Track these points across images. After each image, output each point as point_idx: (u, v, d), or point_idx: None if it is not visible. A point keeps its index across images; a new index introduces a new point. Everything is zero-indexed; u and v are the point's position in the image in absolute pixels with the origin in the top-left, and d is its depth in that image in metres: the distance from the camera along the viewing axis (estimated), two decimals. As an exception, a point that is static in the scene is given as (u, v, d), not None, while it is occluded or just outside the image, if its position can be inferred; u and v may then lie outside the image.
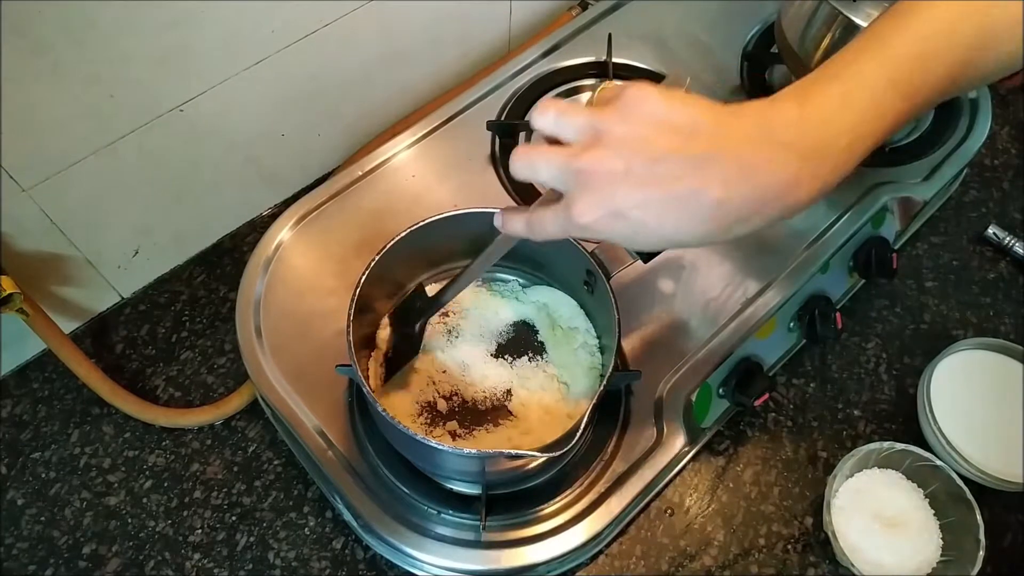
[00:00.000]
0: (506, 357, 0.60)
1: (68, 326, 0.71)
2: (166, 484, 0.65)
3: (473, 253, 0.62)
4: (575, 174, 0.40)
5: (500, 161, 0.72)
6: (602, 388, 0.51)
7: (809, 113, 0.40)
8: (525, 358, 0.60)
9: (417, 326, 0.57)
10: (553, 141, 0.43)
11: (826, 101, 0.40)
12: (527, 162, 0.43)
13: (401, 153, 0.73)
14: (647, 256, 0.55)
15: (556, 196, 0.43)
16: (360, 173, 0.71)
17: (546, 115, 0.42)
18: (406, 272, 0.63)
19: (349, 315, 0.52)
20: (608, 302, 0.54)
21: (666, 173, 0.39)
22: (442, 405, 0.58)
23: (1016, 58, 0.42)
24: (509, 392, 0.59)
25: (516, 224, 0.46)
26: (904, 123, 0.42)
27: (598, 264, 0.55)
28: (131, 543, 0.62)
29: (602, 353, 0.59)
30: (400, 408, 0.57)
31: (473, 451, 0.49)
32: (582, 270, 0.57)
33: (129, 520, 0.63)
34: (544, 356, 0.60)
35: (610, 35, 0.78)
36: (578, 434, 0.48)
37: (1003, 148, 0.86)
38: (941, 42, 0.41)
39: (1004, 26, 0.41)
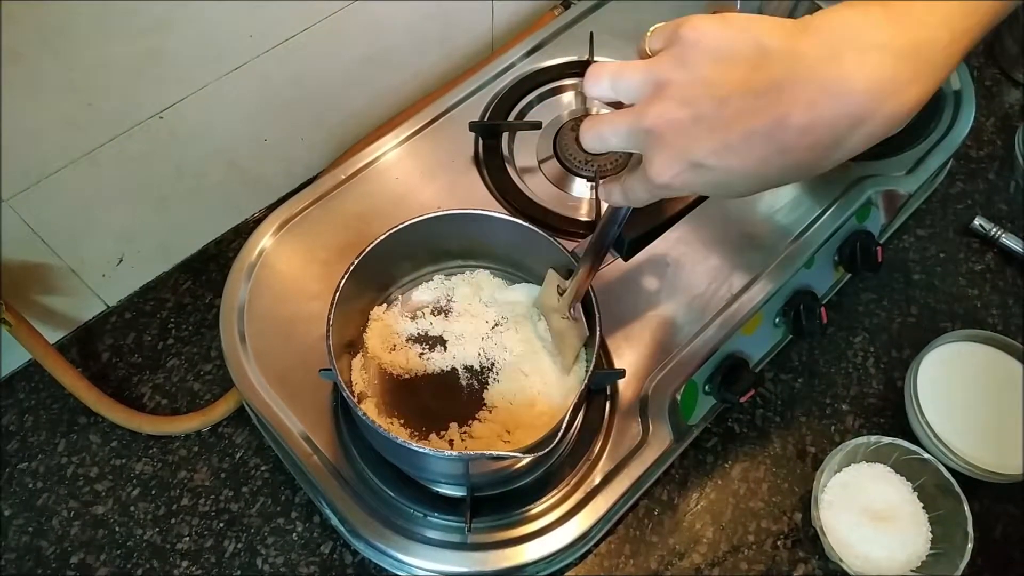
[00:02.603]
0: (488, 357, 0.60)
1: (54, 336, 0.71)
2: (153, 492, 0.65)
3: (461, 254, 0.63)
4: (644, 134, 0.38)
5: (483, 162, 0.72)
6: (583, 387, 0.51)
7: (898, 11, 0.35)
8: (507, 357, 0.60)
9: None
10: (616, 104, 0.41)
11: None
12: (595, 133, 0.41)
13: (385, 156, 0.73)
14: (628, 254, 0.55)
15: (640, 159, 0.41)
16: (343, 176, 0.71)
17: (601, 81, 0.40)
18: (390, 274, 0.62)
19: (329, 319, 0.52)
20: (589, 300, 0.54)
21: (739, 110, 0.36)
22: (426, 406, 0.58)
23: None
24: (491, 392, 0.58)
25: (615, 194, 0.45)
26: (998, 18, 0.38)
27: (578, 262, 0.55)
28: (119, 552, 0.62)
29: (585, 351, 0.59)
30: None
31: (455, 453, 0.49)
32: (563, 268, 0.57)
33: (117, 529, 0.63)
34: (526, 355, 0.60)
35: (592, 34, 0.78)
36: (559, 433, 0.48)
37: (988, 139, 0.86)
38: None
39: None
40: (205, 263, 0.77)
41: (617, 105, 0.41)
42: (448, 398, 0.59)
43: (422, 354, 0.60)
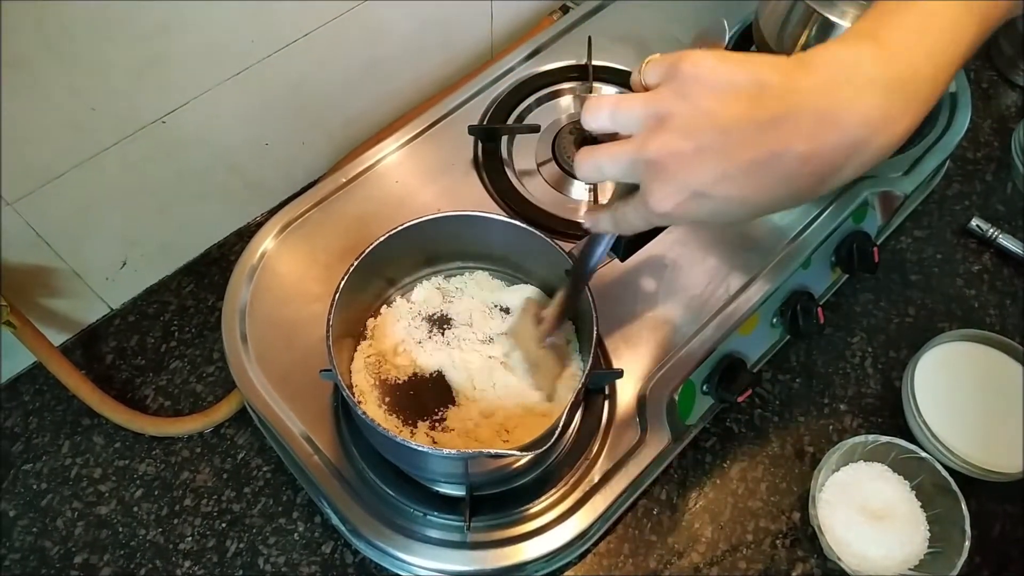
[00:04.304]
0: (488, 357, 0.60)
1: (58, 338, 0.71)
2: (156, 493, 0.65)
3: (460, 256, 0.64)
4: (645, 165, 0.39)
5: (482, 165, 0.73)
6: (580, 386, 0.51)
7: (887, 45, 0.38)
8: (506, 358, 0.60)
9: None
10: (613, 136, 0.41)
11: (903, 32, 0.38)
12: (592, 164, 0.42)
13: (385, 159, 0.74)
14: (625, 254, 0.56)
15: (631, 187, 0.42)
16: (344, 180, 0.72)
17: (600, 113, 0.41)
18: (390, 275, 0.63)
19: (329, 320, 0.53)
20: (586, 301, 0.54)
21: (740, 141, 0.37)
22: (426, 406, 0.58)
23: None
24: (491, 392, 0.59)
25: (603, 222, 0.46)
26: (978, 46, 0.40)
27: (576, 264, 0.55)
28: (122, 552, 0.63)
29: (582, 352, 0.60)
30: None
31: (454, 452, 0.50)
32: (561, 270, 0.58)
33: (120, 529, 0.64)
34: (526, 356, 0.60)
35: (590, 38, 0.79)
36: (556, 432, 0.49)
37: (985, 141, 0.86)
38: None
39: None
40: (207, 266, 0.77)
41: (611, 137, 0.42)
42: (448, 398, 0.59)
43: (422, 354, 0.61)
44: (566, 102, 0.78)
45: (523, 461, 0.56)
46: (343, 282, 0.55)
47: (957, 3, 0.39)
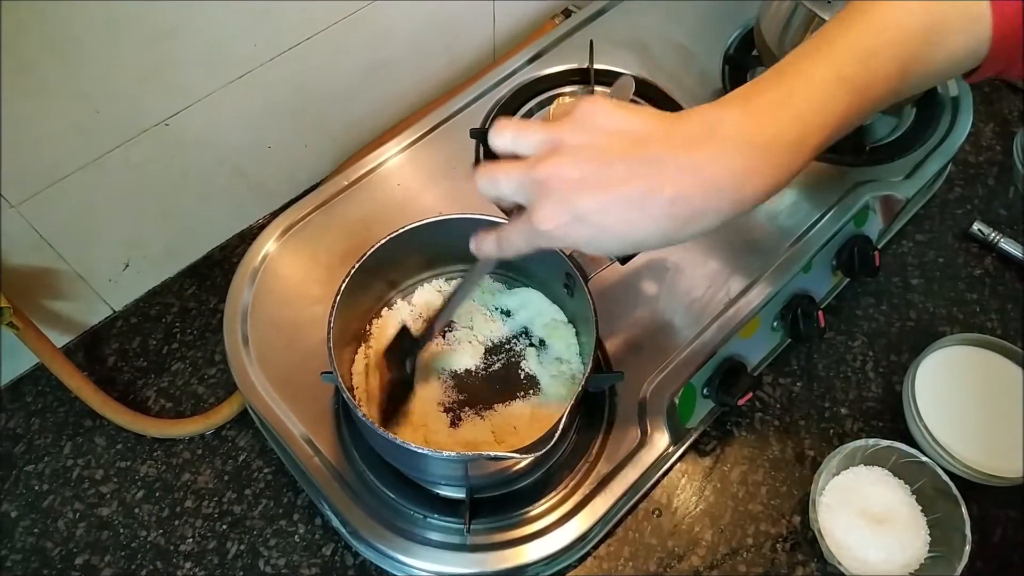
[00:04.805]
0: (487, 359, 0.61)
1: (61, 340, 0.72)
2: (158, 494, 0.66)
3: (461, 259, 0.64)
4: (534, 184, 0.42)
5: (484, 168, 0.73)
6: (580, 389, 0.51)
7: (752, 109, 0.41)
8: (506, 361, 0.60)
9: (408, 366, 0.57)
10: (513, 157, 0.44)
11: (770, 98, 0.41)
12: (488, 178, 0.45)
13: (387, 162, 0.74)
14: (625, 258, 0.56)
15: (521, 213, 0.45)
16: (346, 183, 0.72)
17: (503, 134, 0.45)
18: (391, 278, 0.63)
19: (329, 322, 0.53)
20: (587, 304, 0.54)
21: (619, 176, 0.40)
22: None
23: (968, 53, 0.42)
24: (490, 393, 0.59)
25: (487, 246, 0.49)
26: (858, 118, 0.42)
27: (576, 267, 0.56)
28: (123, 553, 0.63)
29: (583, 354, 0.60)
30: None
31: (454, 454, 0.50)
32: (561, 273, 0.58)
33: (121, 530, 0.64)
34: (525, 359, 0.60)
35: (592, 42, 0.79)
36: (556, 435, 0.49)
37: (987, 145, 0.86)
38: (889, 35, 0.41)
39: (953, 20, 0.41)
40: (210, 268, 0.78)
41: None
42: (446, 399, 0.59)
43: (422, 357, 0.61)
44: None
45: (523, 464, 0.56)
46: (344, 284, 0.55)
47: (830, 75, 0.41)
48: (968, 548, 0.58)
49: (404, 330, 0.58)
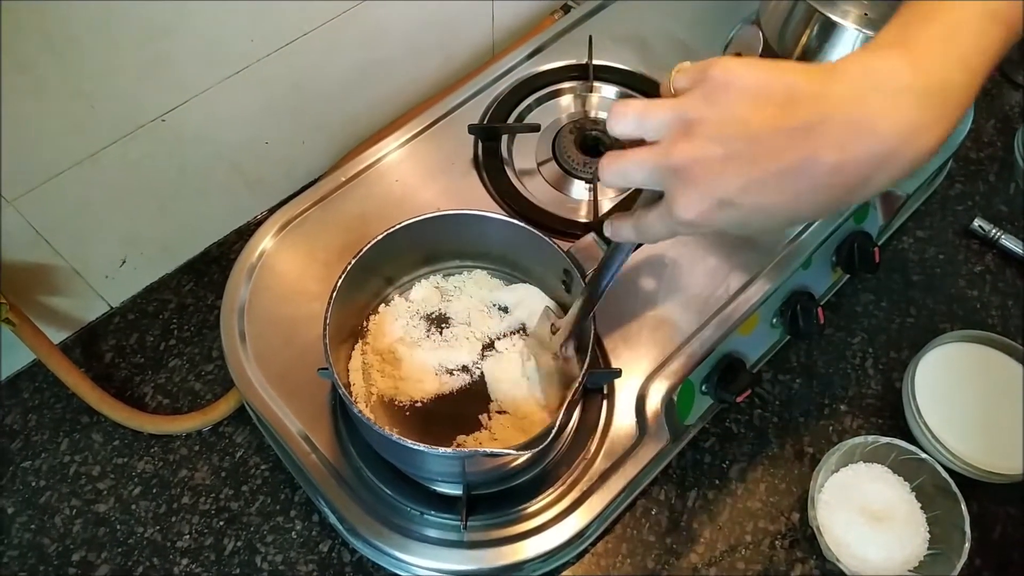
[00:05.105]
0: (485, 354, 0.60)
1: (58, 336, 0.71)
2: (154, 491, 0.65)
3: (459, 255, 0.64)
4: (671, 171, 0.39)
5: (482, 164, 0.73)
6: (577, 385, 0.51)
7: (918, 55, 0.37)
8: (504, 356, 0.60)
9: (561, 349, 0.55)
10: (638, 142, 0.41)
11: (931, 41, 0.37)
12: (617, 169, 0.41)
13: (385, 158, 0.74)
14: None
15: (656, 195, 0.42)
16: (344, 179, 0.72)
17: (625, 118, 0.41)
18: (389, 274, 0.63)
19: (326, 318, 0.53)
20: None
21: (770, 149, 0.36)
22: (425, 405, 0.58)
23: None
24: (487, 390, 0.59)
25: (625, 230, 0.45)
26: (1005, 53, 0.39)
27: (574, 263, 0.55)
28: (120, 550, 0.63)
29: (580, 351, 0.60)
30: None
31: (450, 451, 0.50)
32: (560, 269, 0.58)
33: (118, 527, 0.64)
34: (522, 354, 0.60)
35: (591, 37, 0.79)
36: (554, 431, 0.48)
37: (988, 141, 0.86)
38: None
39: None
40: (207, 264, 0.77)
41: (636, 143, 0.41)
42: (445, 397, 0.59)
43: (419, 353, 0.61)
44: (566, 102, 0.78)
45: (520, 460, 0.56)
46: (340, 280, 0.55)
47: (982, 11, 0.38)
48: (967, 545, 0.58)
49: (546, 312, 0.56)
